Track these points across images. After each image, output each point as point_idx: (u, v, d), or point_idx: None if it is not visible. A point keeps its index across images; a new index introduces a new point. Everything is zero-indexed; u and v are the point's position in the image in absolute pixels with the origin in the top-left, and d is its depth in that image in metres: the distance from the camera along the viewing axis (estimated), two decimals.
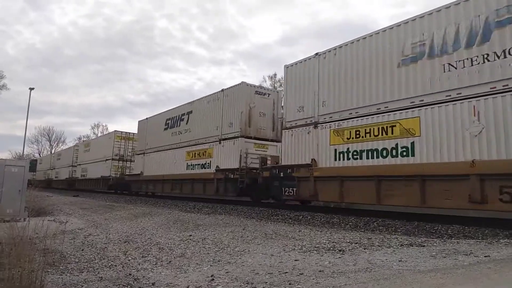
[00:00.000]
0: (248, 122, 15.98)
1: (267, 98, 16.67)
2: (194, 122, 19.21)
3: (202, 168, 17.84)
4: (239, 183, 14.86)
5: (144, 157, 23.90)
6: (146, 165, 23.38)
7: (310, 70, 12.41)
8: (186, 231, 8.58)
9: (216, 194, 16.69)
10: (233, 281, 4.38)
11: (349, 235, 7.33)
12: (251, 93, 16.24)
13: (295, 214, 11.37)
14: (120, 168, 28.87)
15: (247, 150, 15.19)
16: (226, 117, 16.76)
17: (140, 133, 25.74)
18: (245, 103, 15.94)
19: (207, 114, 18.31)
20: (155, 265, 5.68)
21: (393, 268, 4.46)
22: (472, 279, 3.73)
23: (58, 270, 5.38)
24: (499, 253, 5.21)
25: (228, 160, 16.07)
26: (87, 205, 17.93)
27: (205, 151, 17.84)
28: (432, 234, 7.58)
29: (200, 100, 19.32)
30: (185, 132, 19.81)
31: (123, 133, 30.35)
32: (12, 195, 11.00)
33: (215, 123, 17.42)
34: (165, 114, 22.30)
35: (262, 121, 16.45)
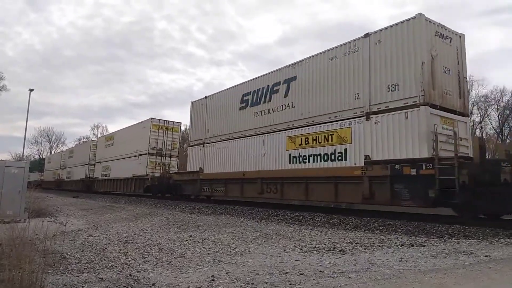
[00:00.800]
0: (432, 82, 9.60)
1: (449, 44, 10.41)
2: (300, 93, 12.99)
3: (326, 161, 11.55)
4: (436, 185, 8.53)
5: (204, 149, 17.90)
6: (207, 159, 17.50)
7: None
8: (186, 232, 8.57)
9: (367, 200, 10.30)
10: (233, 281, 4.38)
11: (349, 235, 7.32)
12: (431, 34, 9.94)
13: (295, 214, 11.36)
14: (160, 165, 23.27)
15: (435, 128, 9.17)
16: (381, 76, 10.34)
17: (196, 117, 19.35)
18: (425, 49, 9.58)
19: (331, 76, 11.87)
20: (156, 265, 5.68)
21: (393, 268, 4.45)
22: (472, 279, 3.73)
23: (59, 271, 5.38)
24: (499, 252, 5.21)
25: (390, 146, 9.86)
26: (87, 206, 17.91)
27: (332, 133, 11.54)
28: (433, 234, 7.58)
29: (314, 58, 12.75)
30: (283, 108, 13.67)
31: (161, 121, 24.50)
32: (12, 196, 11.01)
33: (352, 88, 11.11)
34: (239, 88, 16.29)
35: (448, 81, 10.16)
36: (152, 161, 23.41)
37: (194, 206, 15.70)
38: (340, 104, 11.43)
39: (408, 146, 9.43)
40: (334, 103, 11.60)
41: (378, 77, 10.43)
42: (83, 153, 36.38)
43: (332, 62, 11.88)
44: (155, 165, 23.30)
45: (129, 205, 17.95)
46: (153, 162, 23.41)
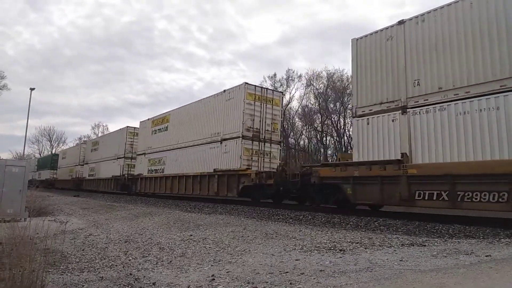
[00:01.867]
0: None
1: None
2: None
3: None
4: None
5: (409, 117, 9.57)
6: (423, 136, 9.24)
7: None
8: (186, 231, 8.58)
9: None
10: (233, 280, 4.38)
11: (350, 235, 7.32)
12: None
13: (296, 214, 11.36)
14: (258, 155, 15.51)
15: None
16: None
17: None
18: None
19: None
20: (156, 265, 5.68)
21: (394, 268, 4.45)
22: (473, 279, 3.72)
23: (59, 270, 5.38)
24: (500, 252, 5.20)
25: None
26: (87, 205, 17.93)
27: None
28: (433, 233, 7.57)
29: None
30: None
31: (258, 88, 16.44)
32: (13, 195, 11.02)
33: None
34: None
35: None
36: (248, 148, 15.20)
37: (195, 205, 15.71)
38: None
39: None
40: None
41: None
42: (115, 144, 29.16)
43: None
44: (251, 154, 15.24)
45: (130, 204, 17.96)
46: (249, 150, 15.27)
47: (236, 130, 16.04)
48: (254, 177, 14.53)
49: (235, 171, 15.49)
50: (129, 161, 27.21)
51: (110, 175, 28.90)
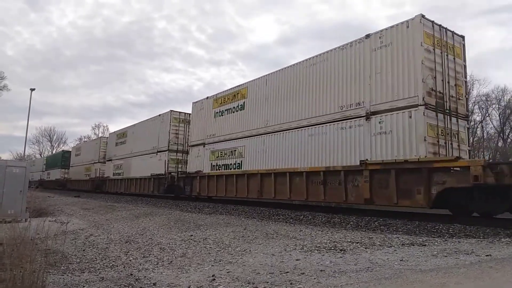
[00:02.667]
0: None
1: None
2: None
3: None
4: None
5: None
6: None
7: None
8: (187, 231, 8.58)
9: None
10: (234, 281, 4.38)
11: (350, 235, 7.32)
12: None
13: (296, 214, 11.36)
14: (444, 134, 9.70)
15: None
16: None
17: None
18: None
19: None
20: (157, 265, 5.69)
21: (394, 268, 4.45)
22: (473, 278, 3.72)
23: (60, 271, 5.39)
24: (500, 252, 5.20)
25: None
26: (88, 205, 17.94)
27: None
28: (433, 233, 7.57)
29: None
30: None
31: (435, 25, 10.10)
32: (13, 196, 11.02)
33: None
34: None
35: None
36: (433, 124, 9.49)
37: (195, 205, 15.71)
38: None
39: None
40: None
41: None
42: (153, 135, 23.05)
43: None
44: (437, 134, 9.49)
45: (130, 204, 17.97)
46: (434, 129, 9.48)
47: (408, 94, 9.69)
48: (480, 172, 7.85)
49: (418, 164, 8.99)
50: (175, 155, 21.31)
51: (148, 173, 22.47)
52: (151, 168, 22.21)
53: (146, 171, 22.83)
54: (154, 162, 22.17)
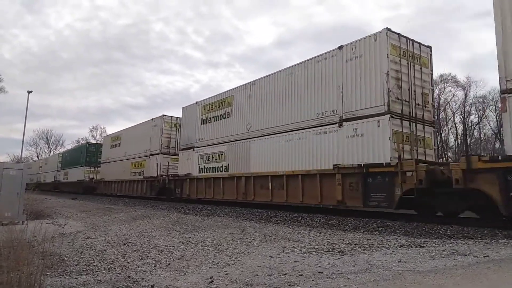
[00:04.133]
0: None
1: None
2: None
3: None
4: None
5: None
6: None
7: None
8: (185, 233, 8.56)
9: None
10: (232, 283, 4.37)
11: (348, 236, 7.32)
12: None
13: (294, 215, 11.36)
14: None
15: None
16: None
17: None
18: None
19: None
20: (154, 267, 5.67)
21: (392, 269, 4.46)
22: (471, 280, 3.73)
23: (57, 273, 5.36)
24: (498, 253, 5.22)
25: None
26: (85, 207, 17.88)
27: None
28: (431, 234, 7.58)
29: None
30: None
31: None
32: (10, 198, 10.96)
33: None
34: None
35: None
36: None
37: (193, 207, 15.68)
38: None
39: None
40: None
41: None
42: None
43: None
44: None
45: (128, 206, 17.92)
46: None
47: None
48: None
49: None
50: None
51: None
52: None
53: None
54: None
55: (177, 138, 22.18)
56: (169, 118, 23.00)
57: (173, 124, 22.83)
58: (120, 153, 27.56)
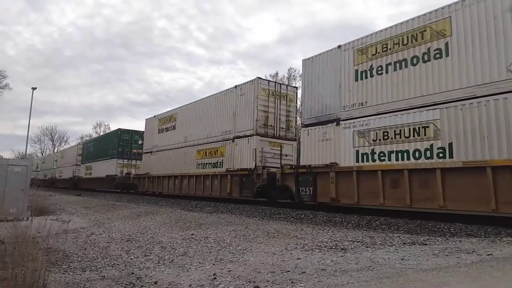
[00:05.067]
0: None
1: None
2: None
3: None
4: None
5: None
6: None
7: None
8: (188, 230, 8.59)
9: None
10: (235, 279, 4.39)
11: (351, 234, 7.32)
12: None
13: (297, 213, 11.36)
14: None
15: None
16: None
17: None
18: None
19: None
20: (158, 264, 5.70)
21: (395, 267, 4.45)
22: (474, 278, 3.72)
23: (61, 269, 5.40)
24: (501, 251, 5.19)
25: None
26: (89, 204, 17.97)
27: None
28: (435, 232, 7.56)
29: None
30: None
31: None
32: (15, 195, 11.04)
33: None
34: None
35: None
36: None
37: (196, 204, 15.73)
38: None
39: None
40: None
41: None
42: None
43: None
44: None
45: (132, 203, 18.00)
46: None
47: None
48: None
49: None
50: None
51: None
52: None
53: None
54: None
55: (278, 114, 15.72)
56: (266, 83, 15.80)
57: (270, 92, 15.61)
58: (175, 138, 20.90)
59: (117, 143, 28.74)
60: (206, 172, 17.69)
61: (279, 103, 15.85)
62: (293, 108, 16.54)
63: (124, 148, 28.90)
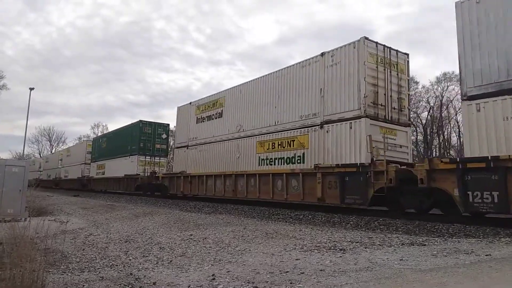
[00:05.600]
0: None
1: None
2: None
3: None
4: None
5: None
6: None
7: None
8: (187, 231, 8.58)
9: None
10: (234, 280, 4.38)
11: (350, 234, 7.32)
12: None
13: (296, 213, 11.36)
14: None
15: None
16: None
17: None
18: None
19: None
20: (156, 264, 5.68)
21: (394, 267, 4.45)
22: (473, 278, 3.73)
23: (59, 270, 5.38)
24: (500, 251, 5.21)
25: None
26: (87, 205, 17.93)
27: None
28: (433, 233, 7.57)
29: None
30: None
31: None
32: (13, 195, 11.00)
33: None
34: None
35: None
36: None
37: (195, 205, 15.70)
38: None
39: None
40: None
41: None
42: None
43: None
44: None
45: (130, 204, 17.97)
46: None
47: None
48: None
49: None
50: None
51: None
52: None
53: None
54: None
55: (389, 90, 11.68)
56: (373, 46, 11.53)
57: (379, 59, 11.55)
58: (222, 128, 17.38)
59: (138, 137, 24.25)
60: (276, 170, 13.49)
61: (389, 74, 11.68)
62: (405, 82, 12.33)
63: (146, 143, 24.42)
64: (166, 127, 25.58)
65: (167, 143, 23.39)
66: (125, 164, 25.29)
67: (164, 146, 24.22)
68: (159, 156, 25.03)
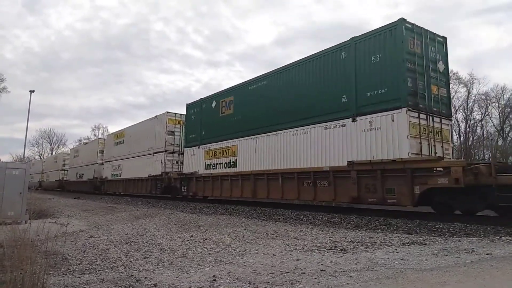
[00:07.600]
0: None
1: None
2: None
3: None
4: None
5: None
6: None
7: None
8: (187, 232, 8.58)
9: None
10: (234, 281, 4.38)
11: (350, 234, 7.32)
12: None
13: (296, 213, 11.35)
14: None
15: None
16: None
17: None
18: None
19: None
20: (157, 266, 5.68)
21: (395, 267, 4.45)
22: (474, 277, 3.72)
23: (60, 272, 5.38)
24: (501, 250, 5.20)
25: None
26: (88, 207, 17.92)
27: None
28: (434, 232, 7.57)
29: None
30: None
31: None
32: (13, 198, 11.01)
33: None
34: None
35: None
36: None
37: (195, 206, 15.70)
38: None
39: None
40: None
41: None
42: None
43: None
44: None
45: (130, 205, 17.96)
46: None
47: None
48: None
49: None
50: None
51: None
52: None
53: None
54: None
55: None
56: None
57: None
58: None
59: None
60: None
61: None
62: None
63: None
64: None
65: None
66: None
67: None
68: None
